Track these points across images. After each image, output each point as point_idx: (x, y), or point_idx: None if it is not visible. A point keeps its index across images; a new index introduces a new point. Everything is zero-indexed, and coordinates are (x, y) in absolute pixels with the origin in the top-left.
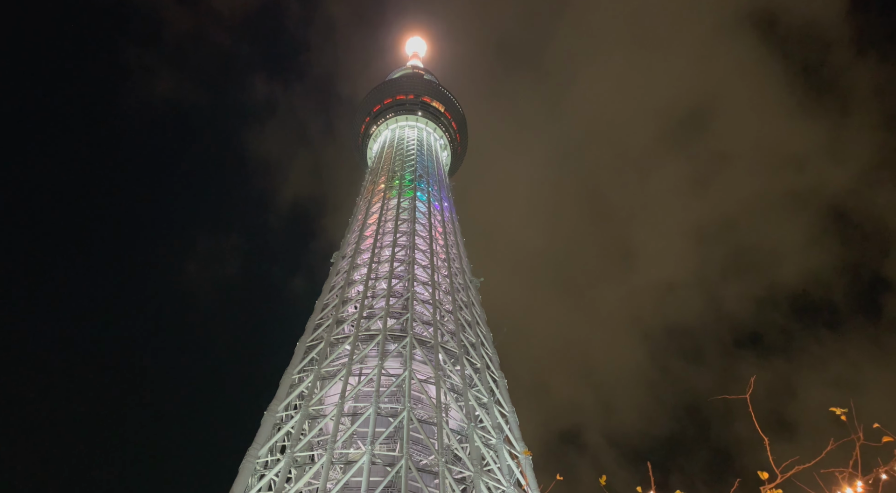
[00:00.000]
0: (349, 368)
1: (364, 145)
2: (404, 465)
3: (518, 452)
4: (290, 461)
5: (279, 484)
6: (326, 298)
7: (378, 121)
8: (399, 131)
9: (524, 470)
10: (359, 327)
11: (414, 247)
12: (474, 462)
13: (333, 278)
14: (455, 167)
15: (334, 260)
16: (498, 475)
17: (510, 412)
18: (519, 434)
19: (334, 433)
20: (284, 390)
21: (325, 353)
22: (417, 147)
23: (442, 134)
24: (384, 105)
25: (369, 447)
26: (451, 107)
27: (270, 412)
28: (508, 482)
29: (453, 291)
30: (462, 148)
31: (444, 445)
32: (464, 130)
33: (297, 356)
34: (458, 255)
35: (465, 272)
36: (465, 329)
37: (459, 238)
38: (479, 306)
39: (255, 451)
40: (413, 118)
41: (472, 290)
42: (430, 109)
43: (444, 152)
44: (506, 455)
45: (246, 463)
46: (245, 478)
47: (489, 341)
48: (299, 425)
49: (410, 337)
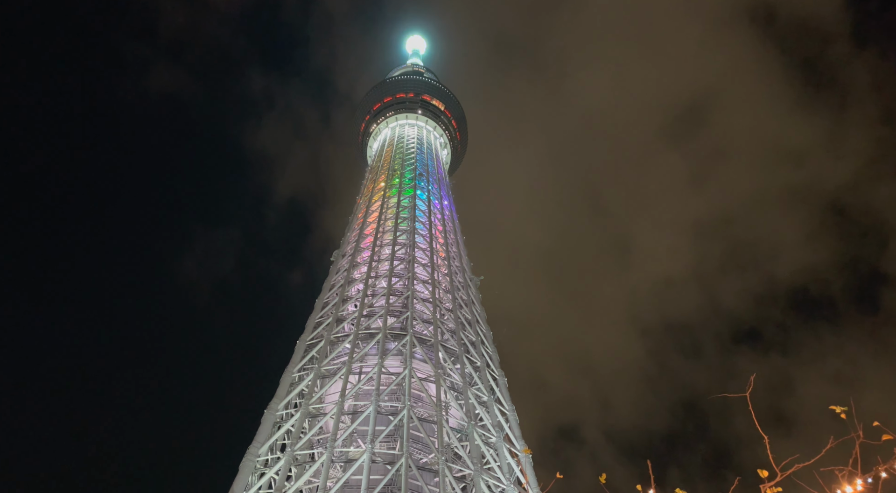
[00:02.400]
0: (349, 366)
1: (364, 144)
2: (404, 463)
3: (518, 450)
4: (290, 459)
5: (279, 483)
6: (326, 296)
7: (378, 119)
8: (399, 130)
9: (524, 468)
10: (359, 325)
11: (414, 245)
12: (474, 461)
13: (333, 277)
14: (455, 166)
15: (334, 258)
16: (498, 474)
17: (510, 411)
18: (519, 433)
19: (334, 432)
20: (284, 388)
21: (325, 351)
22: (417, 145)
23: (442, 132)
24: (384, 103)
25: (369, 446)
26: (452, 105)
27: (270, 411)
28: (508, 481)
29: (453, 289)
30: (462, 146)
31: (444, 443)
32: (464, 128)
33: (297, 355)
34: (458, 253)
35: (465, 270)
36: (465, 327)
37: (459, 236)
38: (479, 304)
39: (255, 449)
40: (413, 116)
41: (472, 288)
42: (430, 108)
43: (444, 151)
44: (506, 454)
45: (246, 461)
46: (245, 476)
47: (489, 339)
48: (299, 423)
49: (410, 335)
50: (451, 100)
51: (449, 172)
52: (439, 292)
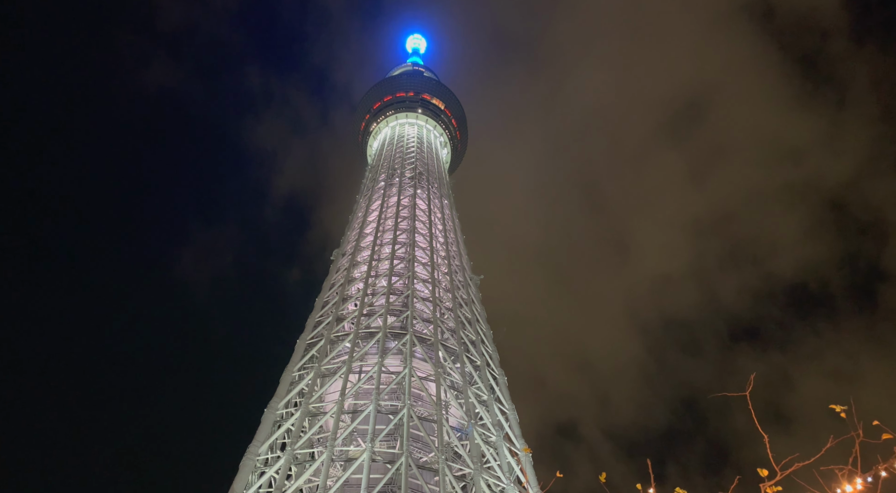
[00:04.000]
0: (349, 365)
1: (364, 143)
2: (404, 462)
3: (518, 449)
4: (290, 458)
5: (279, 482)
6: (326, 295)
7: (378, 118)
8: (399, 129)
9: (524, 467)
10: (359, 324)
11: (414, 244)
12: (474, 460)
13: (333, 276)
14: (455, 164)
15: (334, 257)
16: (498, 473)
17: (510, 410)
18: (519, 432)
19: (334, 431)
20: (284, 387)
21: (325, 350)
22: (417, 144)
23: (442, 131)
24: (384, 102)
25: (369, 445)
26: (452, 104)
27: (270, 410)
28: (508, 480)
29: (453, 288)
30: (462, 145)
31: (444, 442)
32: (464, 127)
33: (297, 354)
34: (458, 252)
35: (465, 269)
36: (465, 327)
37: (459, 235)
38: (479, 303)
39: (255, 448)
40: (413, 115)
41: (472, 287)
42: (430, 106)
43: (444, 150)
44: (506, 453)
45: (246, 461)
46: (245, 475)
47: (489, 338)
48: (299, 422)
49: (410, 335)
50: (452, 99)
51: (449, 171)
52: (439, 290)
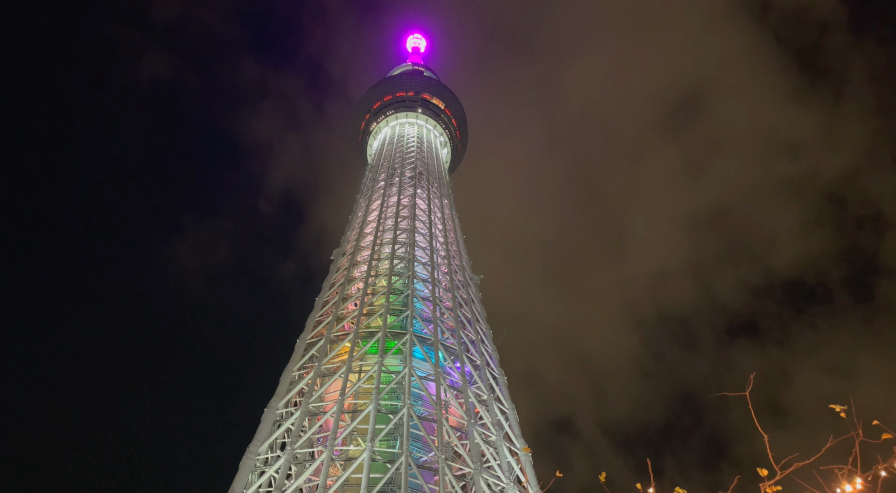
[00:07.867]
0: (349, 365)
1: (364, 142)
2: (404, 462)
3: (518, 449)
4: (290, 457)
5: (279, 481)
6: (326, 295)
7: (378, 118)
8: (399, 128)
9: (524, 467)
10: (359, 324)
11: (414, 244)
12: (474, 459)
13: (333, 275)
14: (455, 164)
15: (334, 257)
16: (498, 472)
17: (510, 409)
18: (518, 431)
19: (334, 430)
20: (284, 386)
21: (325, 350)
22: (417, 144)
23: (442, 131)
24: (384, 102)
25: (369, 444)
26: (452, 104)
27: (270, 409)
28: (508, 479)
29: (453, 288)
30: (462, 145)
31: (443, 442)
32: (464, 127)
33: (297, 353)
34: (458, 252)
35: (464, 269)
36: (464, 326)
37: (459, 235)
38: (478, 303)
39: (255, 448)
40: (413, 115)
41: (472, 287)
42: (430, 106)
43: (444, 149)
44: (505, 452)
45: (246, 460)
46: (245, 475)
47: (489, 338)
48: (299, 421)
49: (410, 334)
50: (452, 99)
51: (449, 171)
52: (439, 290)
